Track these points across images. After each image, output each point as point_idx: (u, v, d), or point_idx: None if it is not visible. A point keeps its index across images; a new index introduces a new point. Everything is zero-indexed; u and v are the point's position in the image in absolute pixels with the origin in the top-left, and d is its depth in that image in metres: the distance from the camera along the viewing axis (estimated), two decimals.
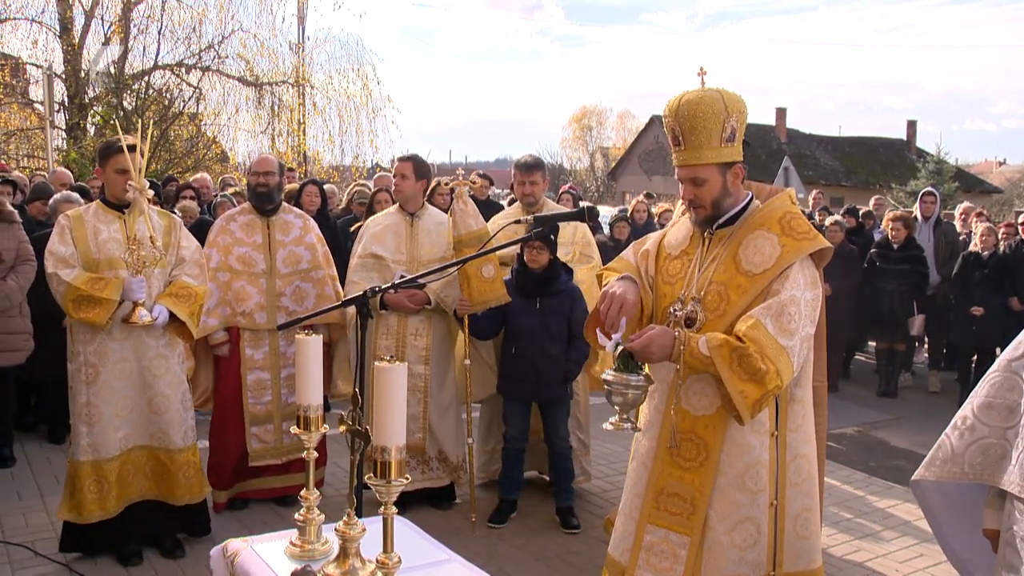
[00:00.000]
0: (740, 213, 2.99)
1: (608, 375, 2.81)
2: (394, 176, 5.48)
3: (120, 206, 4.52)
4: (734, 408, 2.74)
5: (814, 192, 13.49)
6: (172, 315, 4.51)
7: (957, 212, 10.96)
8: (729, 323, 2.85)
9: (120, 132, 4.83)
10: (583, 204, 9.42)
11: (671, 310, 2.99)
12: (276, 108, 20.91)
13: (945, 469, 2.67)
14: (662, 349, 2.80)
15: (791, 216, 2.94)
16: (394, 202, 5.73)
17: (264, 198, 5.36)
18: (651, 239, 3.28)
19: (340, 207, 9.06)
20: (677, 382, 2.94)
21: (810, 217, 10.82)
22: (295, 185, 8.43)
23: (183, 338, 4.68)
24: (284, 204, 5.55)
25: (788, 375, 2.75)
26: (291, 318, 5.20)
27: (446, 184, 5.78)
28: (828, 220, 9.47)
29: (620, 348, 2.81)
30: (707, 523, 2.92)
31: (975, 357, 9.04)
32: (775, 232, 2.89)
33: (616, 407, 2.81)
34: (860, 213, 11.08)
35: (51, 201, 6.75)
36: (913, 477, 2.79)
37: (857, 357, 10.74)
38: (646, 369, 2.87)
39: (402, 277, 4.95)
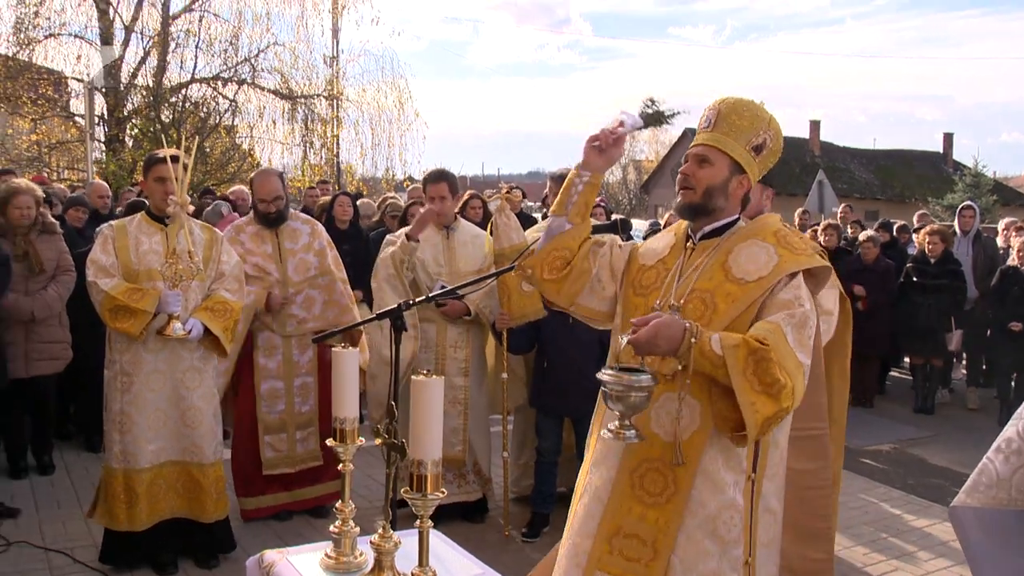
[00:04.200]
0: (725, 228, 2.72)
1: (606, 375, 2.39)
2: (430, 199, 5.35)
3: (162, 218, 4.58)
4: (731, 425, 2.38)
5: (842, 206, 13.33)
6: (207, 330, 4.52)
7: (1000, 227, 10.78)
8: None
9: (165, 144, 4.89)
10: (615, 217, 9.42)
11: None
12: (310, 121, 21.14)
13: (990, 495, 2.56)
14: (669, 342, 2.36)
15: (786, 232, 2.72)
16: None
17: (275, 222, 5.36)
18: (625, 245, 2.99)
19: (374, 219, 9.10)
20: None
21: (841, 231, 10.71)
22: (328, 197, 8.49)
23: (216, 352, 4.70)
24: (291, 211, 5.55)
25: (799, 397, 2.41)
26: (301, 325, 5.30)
27: (489, 197, 5.78)
28: (861, 235, 9.35)
29: (624, 340, 2.42)
30: (668, 573, 2.51)
31: (1015, 374, 8.88)
32: (771, 242, 2.63)
33: (616, 412, 2.42)
34: (895, 227, 10.95)
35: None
36: (953, 503, 2.65)
37: (893, 373, 10.60)
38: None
39: (443, 287, 4.96)
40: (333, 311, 5.41)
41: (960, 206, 10.23)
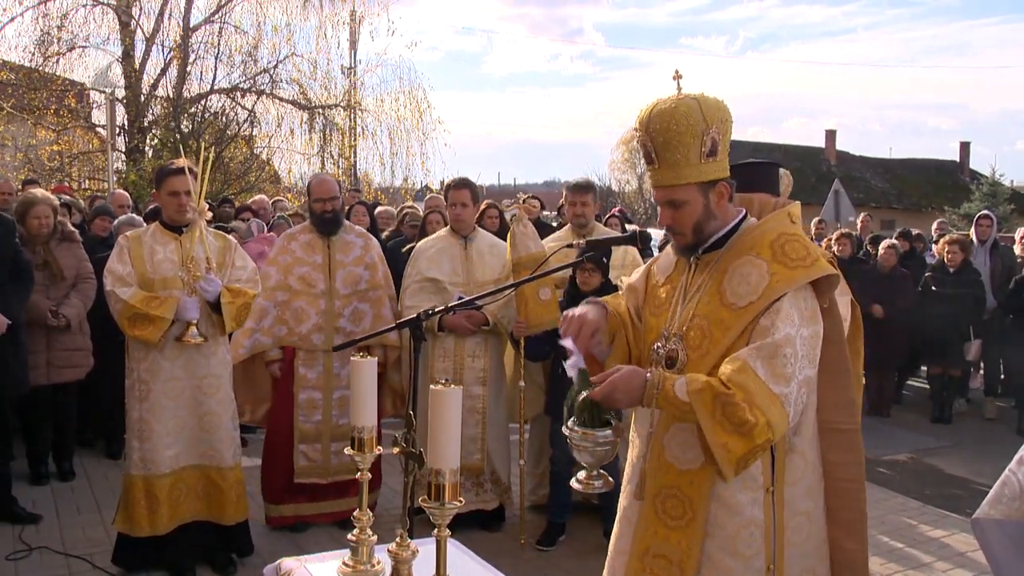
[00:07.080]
0: (729, 235, 2.61)
1: (569, 431, 2.49)
2: (451, 204, 5.48)
3: (176, 228, 4.64)
4: (716, 463, 2.39)
5: (862, 215, 13.30)
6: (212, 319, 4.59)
7: (1018, 236, 10.72)
8: (713, 364, 2.48)
9: (183, 154, 4.96)
10: (630, 227, 9.43)
11: (655, 347, 2.63)
12: (328, 131, 21.26)
13: (1013, 507, 2.54)
14: (629, 395, 2.42)
15: (786, 239, 2.54)
16: (446, 224, 5.78)
17: (332, 223, 5.41)
18: (639, 269, 2.97)
19: (391, 228, 9.14)
20: (660, 431, 2.62)
21: (860, 242, 10.67)
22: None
23: (219, 330, 4.69)
24: (346, 223, 5.58)
25: (782, 426, 2.39)
26: (348, 339, 5.27)
27: (507, 207, 5.83)
28: (882, 244, 9.29)
29: (583, 396, 2.49)
30: None
31: None
32: (765, 258, 2.50)
33: (584, 464, 2.53)
34: (911, 236, 10.90)
35: (114, 223, 6.97)
36: (976, 515, 2.63)
37: (910, 382, 10.55)
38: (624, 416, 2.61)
39: (461, 298, 5.00)
40: (381, 326, 5.40)
41: (977, 215, 10.19)
